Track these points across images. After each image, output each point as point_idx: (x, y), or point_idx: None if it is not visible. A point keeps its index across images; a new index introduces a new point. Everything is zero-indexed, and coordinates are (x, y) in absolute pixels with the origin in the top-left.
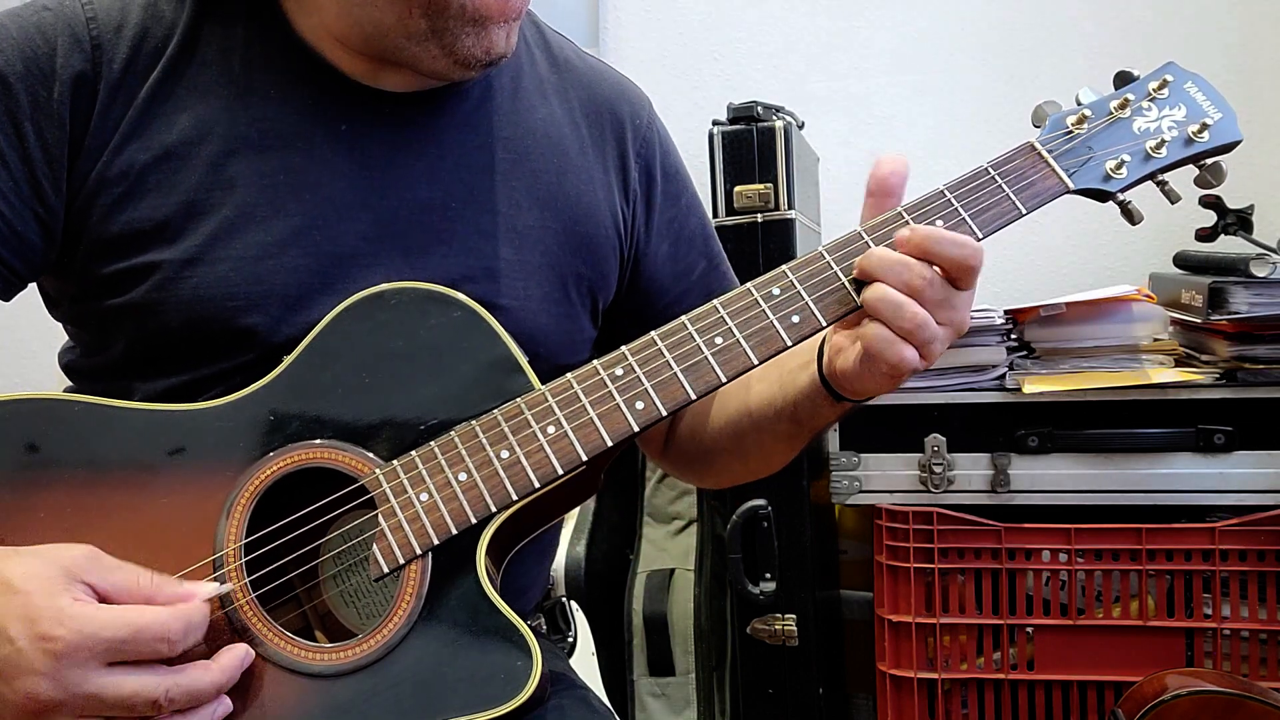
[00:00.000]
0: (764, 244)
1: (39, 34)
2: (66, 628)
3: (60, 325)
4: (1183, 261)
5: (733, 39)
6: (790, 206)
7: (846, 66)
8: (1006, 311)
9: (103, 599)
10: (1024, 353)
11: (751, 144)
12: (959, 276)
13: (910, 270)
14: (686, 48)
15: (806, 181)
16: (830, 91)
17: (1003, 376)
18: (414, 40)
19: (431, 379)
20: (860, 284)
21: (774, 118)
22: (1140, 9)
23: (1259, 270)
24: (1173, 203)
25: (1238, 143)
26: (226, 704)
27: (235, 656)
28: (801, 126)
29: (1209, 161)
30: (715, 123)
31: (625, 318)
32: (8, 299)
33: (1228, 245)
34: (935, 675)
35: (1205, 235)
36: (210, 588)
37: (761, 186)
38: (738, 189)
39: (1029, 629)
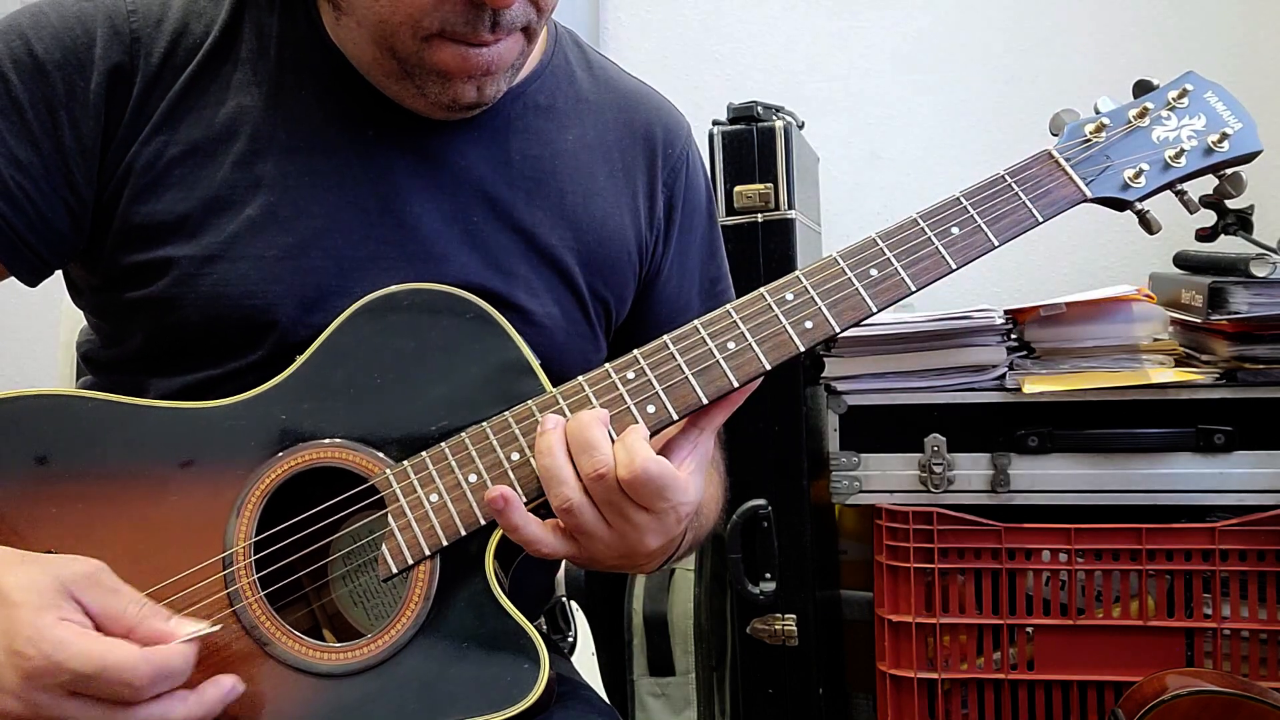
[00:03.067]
0: (764, 244)
1: (79, 23)
2: (38, 649)
3: (60, 324)
4: (1183, 261)
5: (733, 39)
6: (790, 206)
7: (846, 66)
8: (1006, 311)
9: (92, 619)
10: (1024, 353)
11: (751, 144)
12: (632, 495)
13: (591, 455)
14: (686, 48)
15: (806, 181)
16: (830, 91)
17: (1003, 376)
18: (391, 78)
19: (443, 380)
20: (875, 290)
21: (774, 118)
22: (1141, 10)
23: (1259, 270)
24: (1191, 212)
25: (1258, 153)
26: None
27: (220, 691)
28: (801, 126)
29: (1228, 171)
30: (715, 123)
31: (625, 338)
32: (33, 285)
33: (1228, 245)
34: (935, 675)
35: (1205, 235)
36: (194, 626)
37: (761, 186)
38: (738, 189)
39: (1029, 629)
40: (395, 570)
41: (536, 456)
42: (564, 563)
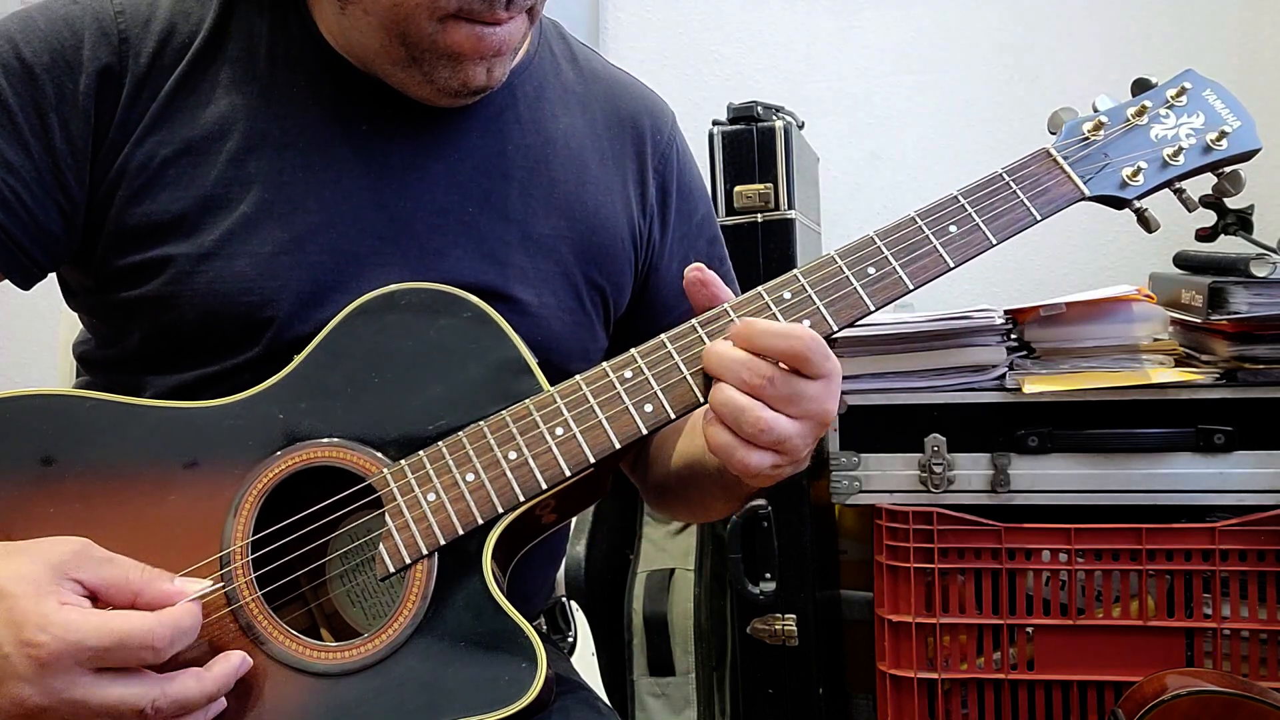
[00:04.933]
0: (764, 244)
1: (66, 26)
2: (50, 634)
3: (59, 324)
4: (1183, 261)
5: (733, 39)
6: (790, 206)
7: (846, 66)
8: (1006, 311)
9: (93, 594)
10: (1024, 353)
11: (751, 144)
12: (799, 367)
13: (748, 368)
14: (686, 48)
15: (806, 181)
16: (830, 91)
17: (1003, 376)
18: (398, 66)
19: (440, 380)
20: (874, 289)
21: (774, 118)
22: (1141, 9)
23: (1259, 270)
24: (1190, 211)
25: (1256, 151)
26: (219, 706)
27: (230, 665)
28: (801, 126)
29: (1227, 170)
30: (715, 123)
31: (630, 331)
32: (27, 288)
33: (1228, 245)
34: (935, 675)
35: (1205, 235)
36: (199, 585)
37: (761, 186)
38: (738, 189)
39: (1029, 629)
40: (393, 570)
41: (719, 406)
42: (564, 562)
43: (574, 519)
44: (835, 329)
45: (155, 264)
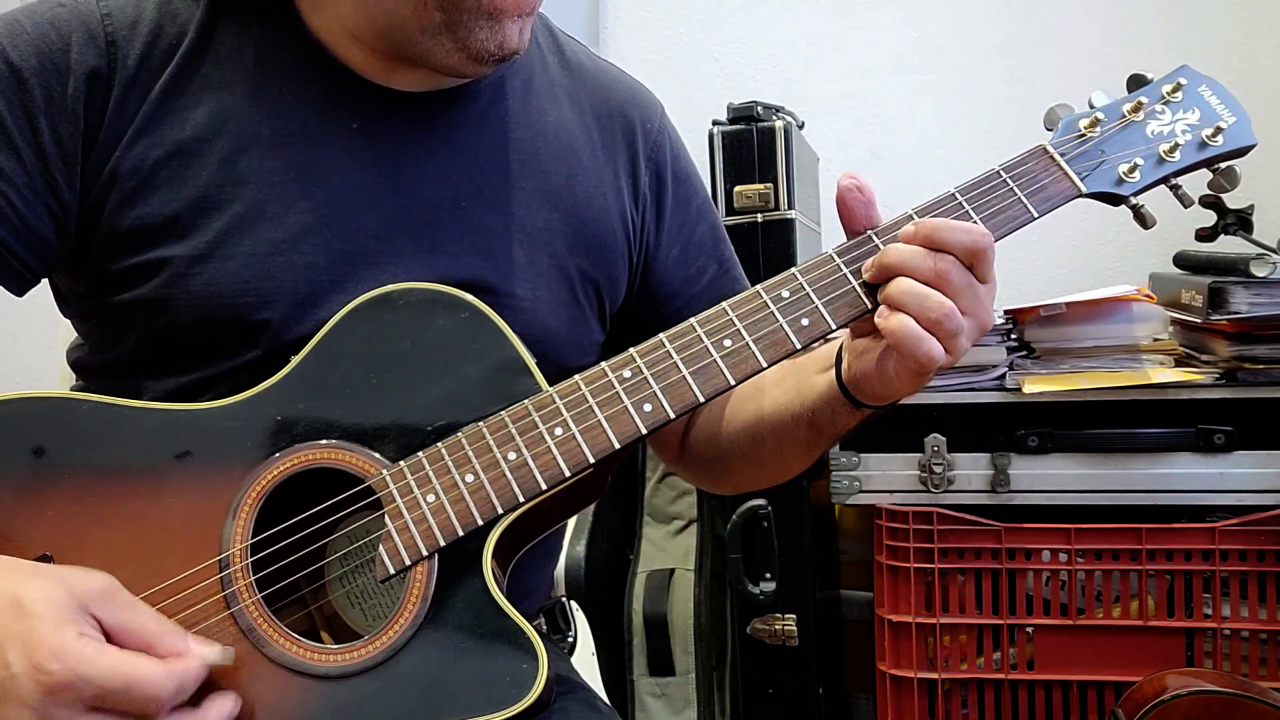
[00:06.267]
0: (764, 244)
1: (53, 29)
2: (62, 663)
3: (59, 326)
4: (1183, 261)
5: (733, 39)
6: (790, 206)
7: (846, 66)
8: (1006, 311)
9: (108, 635)
10: (1024, 353)
11: (751, 144)
12: (974, 264)
13: (931, 259)
14: (686, 48)
15: (806, 181)
16: (830, 91)
17: (1003, 376)
18: (428, 34)
19: (439, 380)
20: (871, 287)
21: (774, 118)
22: (1140, 10)
23: (1259, 270)
24: (1186, 207)
25: (1252, 147)
26: None
27: (223, 709)
28: (801, 126)
29: (1223, 166)
30: (715, 123)
31: (634, 322)
32: (20, 294)
33: (1228, 245)
34: (935, 675)
35: (1205, 235)
36: (214, 651)
37: (761, 186)
38: (738, 189)
39: (1029, 629)
40: (393, 571)
41: (901, 295)
42: (562, 562)
43: (574, 518)
44: (834, 327)
45: (149, 267)
